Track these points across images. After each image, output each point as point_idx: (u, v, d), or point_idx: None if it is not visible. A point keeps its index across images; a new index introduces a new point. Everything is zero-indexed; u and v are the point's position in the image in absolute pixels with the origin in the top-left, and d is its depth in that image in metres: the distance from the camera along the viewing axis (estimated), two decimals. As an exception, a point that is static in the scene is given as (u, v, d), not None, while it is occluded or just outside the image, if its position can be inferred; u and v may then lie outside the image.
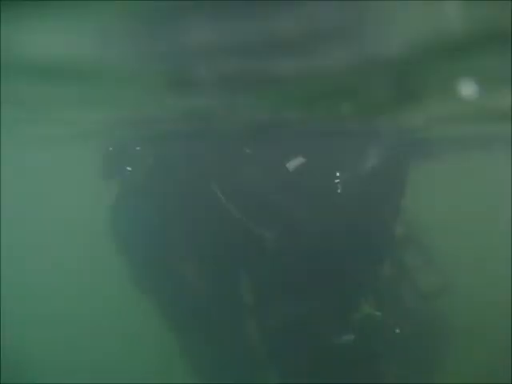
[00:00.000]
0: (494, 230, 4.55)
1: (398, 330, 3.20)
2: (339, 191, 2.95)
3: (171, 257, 3.17)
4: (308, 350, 3.08)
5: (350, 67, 2.08)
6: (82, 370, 4.64)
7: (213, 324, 3.18)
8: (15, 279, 5.04)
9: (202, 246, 3.06)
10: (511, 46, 1.82)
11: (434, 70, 2.16)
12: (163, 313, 3.29)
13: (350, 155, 3.02)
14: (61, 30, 1.68)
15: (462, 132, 3.65)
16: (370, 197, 3.01)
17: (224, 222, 2.95)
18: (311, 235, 2.95)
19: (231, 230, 2.95)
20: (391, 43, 1.88)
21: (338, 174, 2.96)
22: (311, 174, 3.00)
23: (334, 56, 1.97)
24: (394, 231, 3.09)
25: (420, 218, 3.72)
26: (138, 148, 3.23)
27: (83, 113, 3.04)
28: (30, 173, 4.93)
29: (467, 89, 2.35)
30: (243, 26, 1.65)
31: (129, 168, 3.27)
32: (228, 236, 2.97)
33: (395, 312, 3.27)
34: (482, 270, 4.74)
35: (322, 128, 3.17)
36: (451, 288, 3.57)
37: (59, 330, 5.18)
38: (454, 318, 3.88)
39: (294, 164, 2.96)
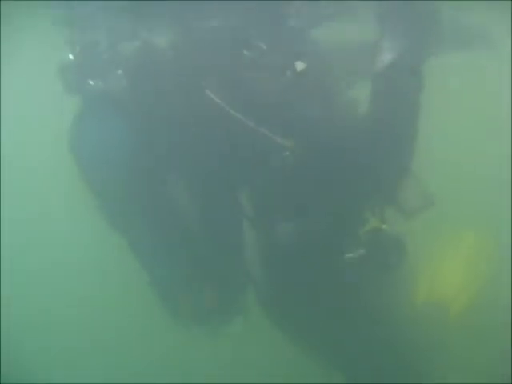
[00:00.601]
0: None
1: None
2: (355, 92, 2.58)
3: (155, 181, 2.75)
4: (312, 267, 2.79)
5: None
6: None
7: (207, 242, 2.83)
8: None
9: (195, 162, 2.64)
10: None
11: None
12: (144, 249, 2.89)
13: (364, 53, 2.63)
14: None
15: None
16: (388, 99, 2.62)
17: (227, 133, 2.53)
18: (325, 143, 2.58)
19: (236, 140, 2.55)
20: None
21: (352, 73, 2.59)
22: (318, 75, 2.63)
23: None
24: (415, 135, 2.72)
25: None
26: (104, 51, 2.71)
27: None
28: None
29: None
30: None
31: (91, 82, 2.78)
32: (231, 148, 2.56)
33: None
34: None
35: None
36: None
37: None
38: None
39: (301, 65, 2.56)
